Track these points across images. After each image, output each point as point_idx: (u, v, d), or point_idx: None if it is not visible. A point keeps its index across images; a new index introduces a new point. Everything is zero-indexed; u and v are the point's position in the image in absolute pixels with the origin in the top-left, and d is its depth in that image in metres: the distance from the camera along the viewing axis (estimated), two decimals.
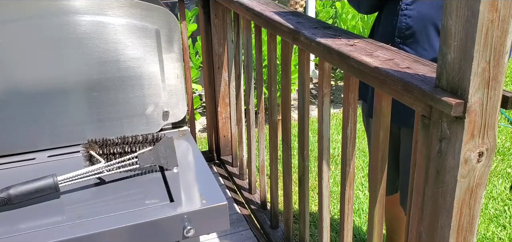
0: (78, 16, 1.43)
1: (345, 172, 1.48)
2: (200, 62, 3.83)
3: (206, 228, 1.19)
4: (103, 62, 1.49)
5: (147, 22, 1.49)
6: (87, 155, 1.33)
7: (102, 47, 1.47)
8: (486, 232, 2.77)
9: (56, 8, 1.41)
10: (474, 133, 0.95)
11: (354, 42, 1.33)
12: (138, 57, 1.52)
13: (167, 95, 1.59)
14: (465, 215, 1.02)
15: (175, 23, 1.52)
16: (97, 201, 1.25)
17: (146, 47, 1.52)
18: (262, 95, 2.13)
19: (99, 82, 1.51)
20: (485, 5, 0.86)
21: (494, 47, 0.90)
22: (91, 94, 1.52)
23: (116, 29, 1.47)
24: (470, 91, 0.92)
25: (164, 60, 1.55)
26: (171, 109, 1.61)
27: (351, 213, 1.56)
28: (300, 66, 1.63)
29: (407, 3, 1.57)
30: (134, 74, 1.53)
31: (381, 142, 1.27)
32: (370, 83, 1.21)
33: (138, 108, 1.58)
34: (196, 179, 1.35)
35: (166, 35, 1.52)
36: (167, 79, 1.57)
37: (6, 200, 1.17)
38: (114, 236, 1.11)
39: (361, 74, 1.22)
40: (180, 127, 1.65)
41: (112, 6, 1.45)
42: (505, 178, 3.31)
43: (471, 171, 0.99)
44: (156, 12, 1.50)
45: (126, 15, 1.47)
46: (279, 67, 3.02)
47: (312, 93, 4.83)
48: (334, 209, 2.96)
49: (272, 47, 1.86)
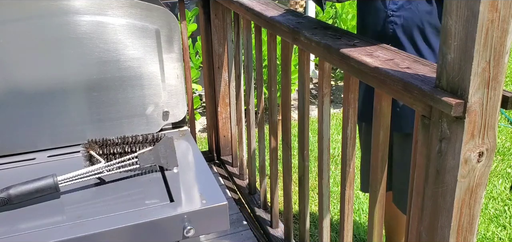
0: (78, 16, 1.43)
1: (345, 172, 1.48)
2: (200, 62, 3.83)
3: (206, 228, 1.19)
4: (103, 62, 1.49)
5: (147, 22, 1.49)
6: (87, 155, 1.33)
7: (102, 47, 1.47)
8: (486, 232, 2.77)
9: (56, 8, 1.41)
10: (474, 133, 0.95)
11: (354, 42, 1.33)
12: (138, 57, 1.52)
13: (167, 95, 1.59)
14: (465, 215, 1.02)
15: (175, 23, 1.52)
16: (97, 201, 1.25)
17: (146, 47, 1.52)
18: (262, 95, 2.13)
19: (99, 82, 1.51)
20: (485, 5, 0.86)
21: (494, 47, 0.90)
22: (91, 94, 1.52)
23: (116, 29, 1.47)
24: (470, 92, 0.92)
25: (164, 60, 1.55)
26: (171, 109, 1.61)
27: (351, 213, 1.56)
28: (300, 66, 1.63)
29: (393, 9, 1.56)
30: (134, 74, 1.53)
31: (381, 142, 1.27)
32: (370, 83, 1.21)
33: (138, 108, 1.58)
34: (196, 179, 1.35)
35: (166, 35, 1.52)
36: (167, 79, 1.57)
37: (6, 200, 1.17)
38: (114, 236, 1.11)
39: (361, 74, 1.22)
40: (180, 127, 1.65)
41: (112, 6, 1.45)
42: (505, 178, 3.31)
43: (471, 171, 0.99)
44: (156, 12, 1.50)
45: (126, 15, 1.47)
46: (279, 67, 3.02)
47: (312, 93, 4.83)
48: (334, 209, 2.96)
49: (272, 47, 1.86)
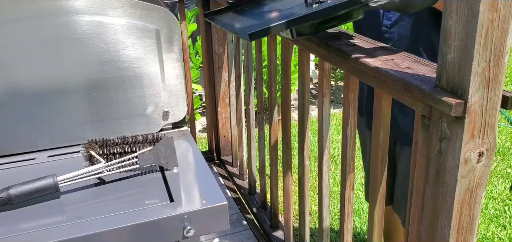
0: (78, 16, 1.43)
1: (345, 172, 1.48)
2: (200, 62, 3.83)
3: (206, 228, 1.19)
4: (103, 62, 1.49)
5: (147, 22, 1.49)
6: (87, 155, 1.33)
7: (102, 47, 1.47)
8: (486, 232, 2.77)
9: (56, 8, 1.41)
10: (474, 133, 0.95)
11: (354, 42, 1.33)
12: (138, 57, 1.52)
13: (167, 95, 1.59)
14: (465, 215, 1.02)
15: (175, 23, 1.52)
16: (97, 201, 1.25)
17: (146, 47, 1.52)
18: (262, 95, 2.13)
19: (99, 82, 1.51)
20: (485, 5, 0.86)
21: (494, 47, 0.90)
22: (91, 94, 1.52)
23: (116, 29, 1.47)
24: (470, 92, 0.92)
25: (164, 60, 1.55)
26: (171, 109, 1.61)
27: (351, 213, 1.56)
28: (300, 66, 1.63)
29: (387, 26, 1.56)
30: (134, 74, 1.53)
31: (381, 142, 1.27)
32: (370, 83, 1.21)
33: (138, 108, 1.58)
34: (196, 179, 1.35)
35: (166, 35, 1.52)
36: (167, 79, 1.57)
37: (6, 200, 1.17)
38: (114, 236, 1.11)
39: (361, 74, 1.22)
40: (180, 127, 1.65)
41: (112, 6, 1.45)
42: (505, 178, 3.30)
43: (471, 171, 0.99)
44: (156, 12, 1.50)
45: (126, 15, 1.47)
46: (279, 67, 3.02)
47: (312, 93, 4.83)
48: (334, 209, 2.96)
49: (272, 47, 1.86)
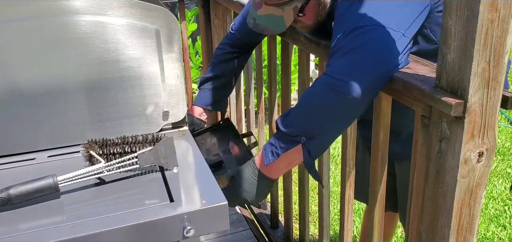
0: (78, 16, 1.43)
1: (345, 172, 1.48)
2: (200, 62, 3.83)
3: (206, 228, 1.19)
4: (103, 62, 1.49)
5: (147, 22, 1.49)
6: (87, 155, 1.33)
7: (102, 47, 1.47)
8: (486, 232, 2.77)
9: (56, 8, 1.41)
10: (474, 133, 0.95)
11: None
12: (138, 57, 1.52)
13: (167, 95, 1.59)
14: (465, 215, 1.02)
15: (175, 23, 1.52)
16: (97, 201, 1.25)
17: (146, 47, 1.52)
18: (262, 95, 2.13)
19: (99, 82, 1.51)
20: (485, 5, 0.86)
21: (494, 47, 0.90)
22: (91, 95, 1.51)
23: (116, 29, 1.47)
24: (470, 92, 0.92)
25: (164, 60, 1.55)
26: (171, 109, 1.61)
27: (351, 213, 1.56)
28: (300, 66, 1.63)
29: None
30: (134, 74, 1.53)
31: (381, 142, 1.27)
32: None
33: (138, 108, 1.57)
34: (196, 179, 1.35)
35: (166, 35, 1.52)
36: (167, 79, 1.57)
37: (6, 200, 1.17)
38: (114, 236, 1.11)
39: None
40: (180, 127, 1.65)
41: (112, 6, 1.45)
42: (505, 178, 3.30)
43: (471, 171, 0.99)
44: (156, 12, 1.50)
45: (126, 15, 1.47)
46: (279, 67, 3.02)
47: None
48: (334, 209, 2.96)
49: (272, 47, 1.86)
